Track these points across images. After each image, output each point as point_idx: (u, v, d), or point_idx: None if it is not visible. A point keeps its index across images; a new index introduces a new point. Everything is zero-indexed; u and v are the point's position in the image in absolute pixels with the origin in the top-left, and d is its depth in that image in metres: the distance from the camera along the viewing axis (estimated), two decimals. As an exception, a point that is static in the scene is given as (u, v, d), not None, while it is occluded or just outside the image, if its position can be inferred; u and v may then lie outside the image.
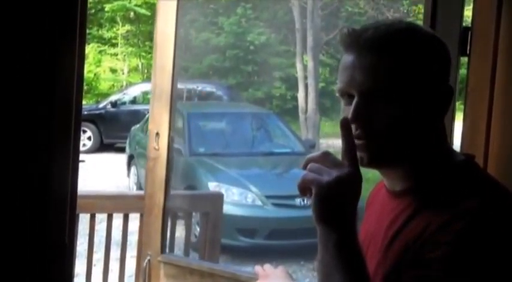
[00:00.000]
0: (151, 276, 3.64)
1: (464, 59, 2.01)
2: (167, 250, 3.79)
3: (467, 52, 1.97)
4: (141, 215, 3.92)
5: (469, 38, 1.97)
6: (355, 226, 1.11)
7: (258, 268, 1.45)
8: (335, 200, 1.09)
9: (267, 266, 1.44)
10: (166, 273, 3.63)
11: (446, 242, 1.06)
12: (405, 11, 12.74)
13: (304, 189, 1.11)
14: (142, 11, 15.02)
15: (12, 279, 1.63)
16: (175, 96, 3.62)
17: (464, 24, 2.01)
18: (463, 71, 2.09)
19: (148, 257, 3.64)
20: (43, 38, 1.66)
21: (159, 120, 3.58)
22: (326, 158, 1.11)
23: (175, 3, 3.47)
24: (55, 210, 1.65)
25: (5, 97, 1.64)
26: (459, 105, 2.10)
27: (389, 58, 1.14)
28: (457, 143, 1.89)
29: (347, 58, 1.18)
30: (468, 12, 2.04)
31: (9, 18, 1.63)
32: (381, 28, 1.17)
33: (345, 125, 1.12)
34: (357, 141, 1.13)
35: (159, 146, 3.58)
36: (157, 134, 3.57)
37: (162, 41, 3.51)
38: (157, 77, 3.56)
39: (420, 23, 1.98)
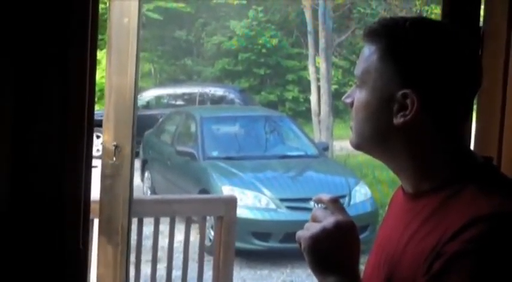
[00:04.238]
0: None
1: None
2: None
3: (479, 52, 1.96)
4: (156, 219, 3.94)
5: (481, 37, 1.95)
6: (350, 271, 1.14)
7: None
8: (321, 250, 1.14)
9: None
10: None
11: (456, 252, 1.04)
12: (417, 11, 12.69)
13: (300, 244, 1.18)
14: (155, 15, 15.06)
15: (27, 285, 1.64)
16: (136, 104, 3.18)
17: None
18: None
19: (108, 297, 3.09)
20: (55, 43, 1.67)
21: (118, 131, 3.12)
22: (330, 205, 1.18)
23: (136, 2, 3.09)
24: (69, 215, 1.66)
25: (18, 103, 1.66)
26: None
27: (372, 46, 1.18)
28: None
29: None
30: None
31: (21, 23, 1.64)
32: (382, 20, 1.20)
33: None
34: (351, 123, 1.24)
35: (120, 161, 3.11)
36: (116, 146, 3.10)
37: (119, 43, 3.08)
38: (114, 82, 3.13)
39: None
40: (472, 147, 1.91)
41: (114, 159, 3.08)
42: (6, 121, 1.66)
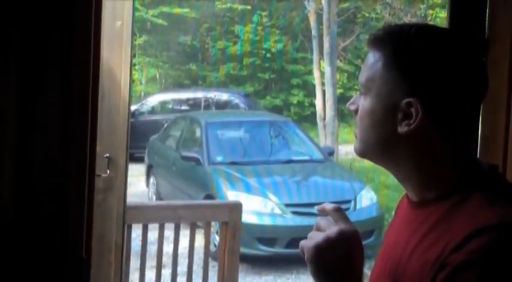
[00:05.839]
0: None
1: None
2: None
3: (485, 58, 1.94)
4: (161, 225, 3.94)
5: (486, 42, 1.94)
6: (354, 281, 1.13)
7: None
8: (324, 260, 1.13)
9: None
10: None
11: (461, 263, 1.03)
12: (422, 15, 12.68)
13: (303, 253, 1.17)
14: (159, 21, 15.10)
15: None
16: (130, 112, 2.97)
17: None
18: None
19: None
20: (58, 49, 1.67)
21: (111, 141, 2.90)
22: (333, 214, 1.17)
23: (130, 3, 2.89)
24: (72, 224, 1.65)
25: (21, 106, 1.66)
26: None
27: (376, 54, 1.17)
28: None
29: None
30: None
31: (24, 33, 1.64)
32: (387, 26, 1.19)
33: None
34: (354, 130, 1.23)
35: (113, 174, 2.91)
36: (108, 158, 2.89)
37: (111, 48, 2.84)
38: (106, 89, 2.81)
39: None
40: (477, 154, 1.90)
41: (108, 172, 2.84)
42: (10, 128, 1.66)
